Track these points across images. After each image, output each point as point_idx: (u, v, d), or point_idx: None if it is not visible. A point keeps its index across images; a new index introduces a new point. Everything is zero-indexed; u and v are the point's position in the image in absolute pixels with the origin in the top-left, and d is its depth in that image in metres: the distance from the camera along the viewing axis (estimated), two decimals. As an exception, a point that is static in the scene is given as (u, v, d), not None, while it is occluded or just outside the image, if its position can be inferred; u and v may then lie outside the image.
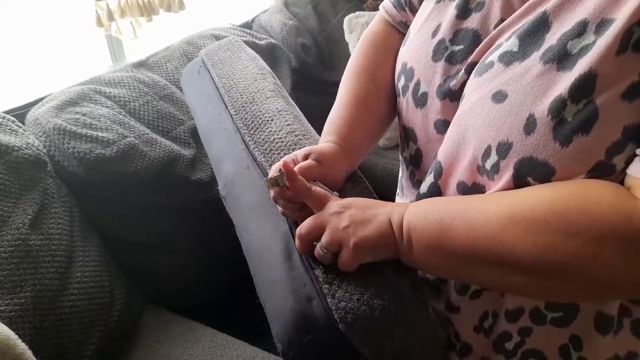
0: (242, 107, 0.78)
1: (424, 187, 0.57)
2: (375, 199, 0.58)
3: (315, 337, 0.49)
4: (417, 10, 0.65)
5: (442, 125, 0.56)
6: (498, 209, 0.43)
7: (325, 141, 0.63)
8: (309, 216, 0.53)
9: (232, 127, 0.76)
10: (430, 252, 0.48)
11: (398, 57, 0.64)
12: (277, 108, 0.76)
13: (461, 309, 0.58)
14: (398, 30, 0.70)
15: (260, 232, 0.61)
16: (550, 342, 0.54)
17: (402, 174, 0.70)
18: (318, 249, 0.50)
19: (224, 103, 0.82)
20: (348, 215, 0.50)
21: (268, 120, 0.73)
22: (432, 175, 0.56)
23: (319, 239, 0.51)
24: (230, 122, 0.77)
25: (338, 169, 0.60)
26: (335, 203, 0.52)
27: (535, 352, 0.55)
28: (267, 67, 0.93)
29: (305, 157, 0.58)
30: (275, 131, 0.71)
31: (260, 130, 0.72)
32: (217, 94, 0.86)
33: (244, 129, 0.74)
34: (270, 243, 0.59)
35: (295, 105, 0.82)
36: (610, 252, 0.39)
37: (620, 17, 0.39)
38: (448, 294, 0.58)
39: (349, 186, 0.63)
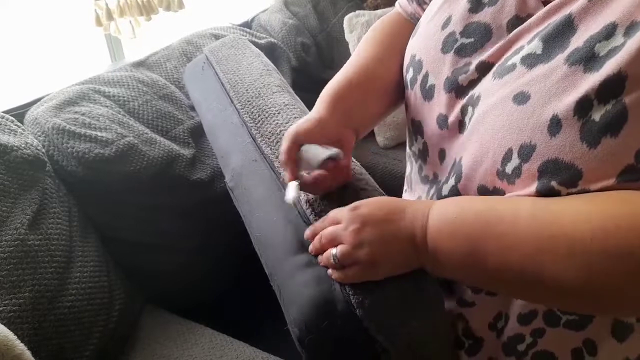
0: (248, 101, 0.79)
1: (445, 190, 0.56)
2: (377, 189, 0.59)
3: (332, 322, 0.50)
4: (426, 4, 0.64)
5: (443, 120, 0.55)
6: (533, 228, 0.41)
7: (322, 109, 0.61)
8: None
9: (239, 121, 0.77)
10: (460, 271, 0.48)
11: (407, 49, 0.63)
12: (283, 102, 0.77)
13: (476, 304, 0.57)
14: (410, 22, 0.70)
15: (272, 221, 0.62)
16: (562, 344, 0.53)
17: (411, 169, 0.69)
18: (329, 256, 0.51)
19: (230, 98, 0.82)
20: (368, 250, 0.49)
21: (275, 114, 0.74)
22: (453, 178, 0.54)
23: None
24: (237, 116, 0.78)
25: (345, 134, 0.60)
26: (351, 222, 0.50)
27: (546, 353, 0.54)
28: (272, 64, 0.94)
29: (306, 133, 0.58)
30: (282, 123, 0.72)
31: (267, 123, 0.73)
32: (223, 90, 0.86)
33: (251, 123, 0.75)
34: (283, 231, 0.60)
35: (300, 101, 0.82)
36: None
37: None
38: (461, 292, 0.58)
39: (350, 188, 0.63)
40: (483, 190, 0.50)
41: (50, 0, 1.31)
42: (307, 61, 1.73)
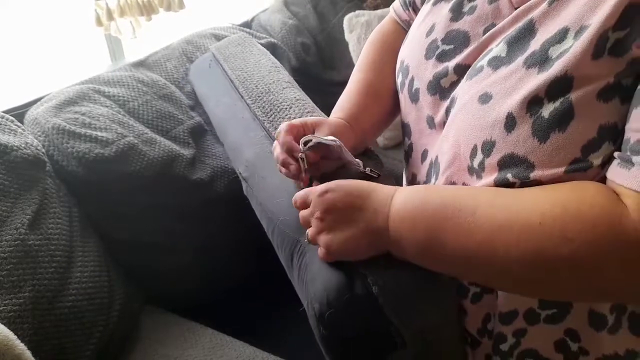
0: (259, 96, 0.81)
1: None
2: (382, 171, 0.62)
3: (352, 297, 0.51)
4: (419, 10, 0.68)
5: (431, 121, 0.59)
6: (490, 214, 0.43)
7: (335, 117, 0.68)
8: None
9: (250, 116, 0.79)
10: (421, 257, 0.49)
11: (398, 55, 0.67)
12: (294, 97, 0.78)
13: (464, 309, 0.58)
14: (404, 29, 0.74)
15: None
16: (545, 339, 0.54)
17: (404, 170, 0.73)
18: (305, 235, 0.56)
19: (239, 94, 0.84)
20: (330, 238, 0.52)
21: (287, 108, 0.76)
22: (433, 178, 0.58)
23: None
24: (248, 111, 0.80)
25: (347, 142, 0.63)
26: (316, 208, 0.53)
27: (530, 351, 0.55)
28: (279, 62, 0.95)
29: (314, 125, 0.63)
30: (294, 117, 0.73)
31: (280, 117, 0.75)
32: (232, 86, 0.87)
33: (263, 117, 0.77)
34: None
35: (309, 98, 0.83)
36: (602, 256, 0.39)
37: (595, 23, 0.41)
38: None
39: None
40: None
41: (50, 0, 1.31)
42: (307, 61, 1.73)
